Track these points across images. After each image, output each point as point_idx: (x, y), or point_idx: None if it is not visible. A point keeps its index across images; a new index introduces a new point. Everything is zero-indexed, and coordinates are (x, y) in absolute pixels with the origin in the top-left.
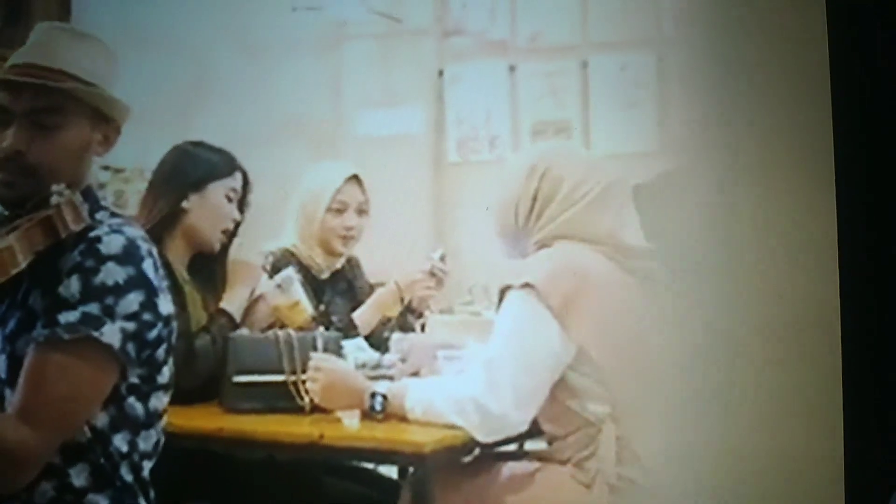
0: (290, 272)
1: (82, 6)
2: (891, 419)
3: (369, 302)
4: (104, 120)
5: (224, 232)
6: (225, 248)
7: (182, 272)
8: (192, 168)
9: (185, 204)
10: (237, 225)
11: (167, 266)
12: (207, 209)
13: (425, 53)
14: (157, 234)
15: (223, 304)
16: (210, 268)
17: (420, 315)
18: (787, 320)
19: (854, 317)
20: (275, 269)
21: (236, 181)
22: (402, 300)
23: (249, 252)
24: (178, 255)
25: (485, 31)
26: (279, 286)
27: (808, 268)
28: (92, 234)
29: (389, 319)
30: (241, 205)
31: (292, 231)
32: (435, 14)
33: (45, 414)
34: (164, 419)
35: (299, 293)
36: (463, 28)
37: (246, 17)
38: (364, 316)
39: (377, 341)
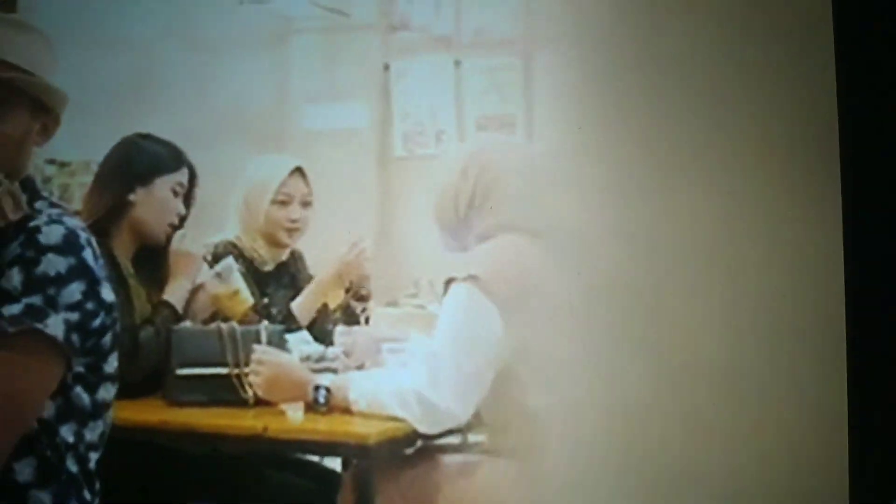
0: (229, 261)
1: (29, 2)
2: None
3: (306, 290)
4: (43, 110)
5: (170, 225)
6: (169, 240)
7: (127, 265)
8: (139, 161)
9: (131, 197)
10: (182, 219)
11: (112, 258)
12: (153, 203)
13: (371, 48)
14: (103, 226)
15: (166, 296)
16: (154, 260)
17: (363, 298)
18: (792, 322)
19: (859, 319)
20: (216, 260)
21: (183, 175)
22: (343, 285)
23: (192, 244)
24: (123, 248)
25: (430, 25)
26: (218, 275)
27: (812, 269)
28: (31, 225)
29: (334, 311)
30: (188, 199)
31: (235, 224)
32: (380, 9)
33: None
34: (111, 410)
35: (239, 282)
36: (408, 23)
37: (192, 11)
38: (303, 305)
39: (322, 334)
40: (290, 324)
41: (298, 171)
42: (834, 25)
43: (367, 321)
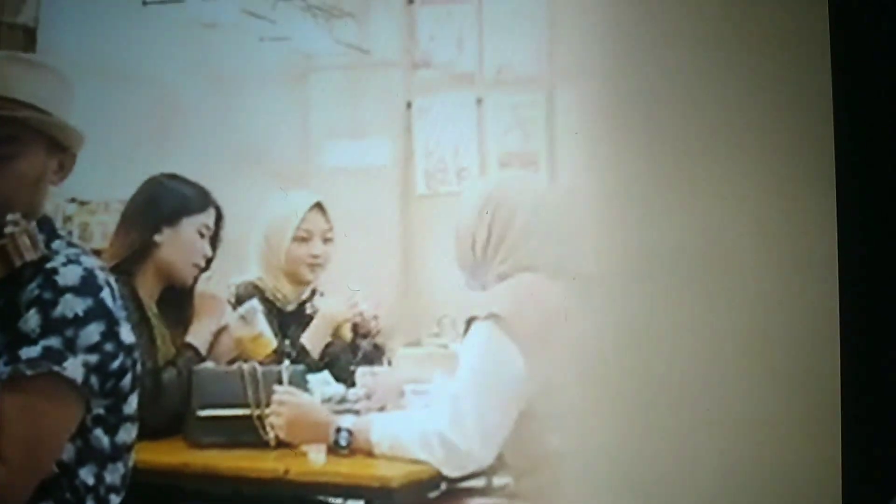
0: (253, 303)
1: (48, 38)
2: (889, 426)
3: (313, 324)
4: (60, 148)
5: (195, 266)
6: (195, 281)
7: (151, 306)
8: (165, 202)
9: (157, 238)
10: (209, 261)
11: (136, 299)
12: (180, 244)
13: (393, 85)
14: (128, 266)
15: (189, 338)
16: (179, 302)
17: (366, 335)
18: (786, 328)
19: (853, 323)
20: (238, 302)
21: (209, 217)
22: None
23: (217, 286)
24: (148, 289)
25: (452, 63)
26: (242, 318)
27: (807, 274)
28: (48, 266)
29: (354, 344)
30: (214, 241)
31: (256, 263)
32: (403, 46)
33: (16, 453)
34: (133, 452)
35: (262, 325)
36: (430, 60)
37: (212, 49)
38: (313, 338)
39: (343, 375)
40: (304, 357)
41: (318, 206)
42: (830, 33)
43: (389, 362)
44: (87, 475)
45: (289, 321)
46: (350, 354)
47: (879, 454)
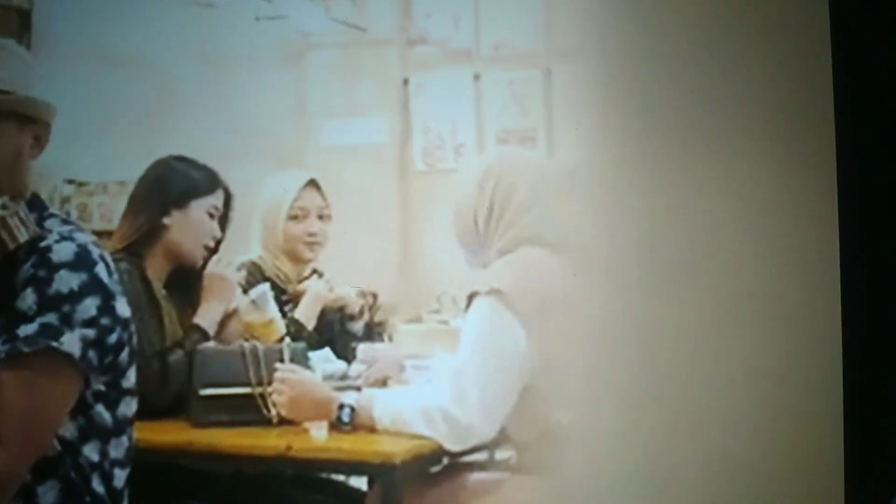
0: (265, 288)
1: (43, 21)
2: (892, 424)
3: (303, 301)
4: (31, 122)
5: (205, 248)
6: (204, 263)
7: (159, 287)
8: (174, 184)
9: (165, 220)
10: (218, 242)
11: (146, 281)
12: (189, 225)
13: (390, 63)
14: (138, 248)
15: (197, 319)
16: (187, 283)
17: (352, 318)
18: (786, 323)
19: (855, 319)
20: (248, 284)
21: (218, 198)
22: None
23: (227, 268)
24: (157, 271)
25: (449, 39)
26: (253, 302)
27: (808, 269)
28: (42, 245)
29: (343, 327)
30: (223, 222)
31: (256, 243)
32: (399, 23)
33: (13, 431)
34: (133, 427)
35: (273, 310)
36: (427, 37)
37: (208, 29)
38: (305, 311)
39: (344, 352)
40: (297, 332)
41: (312, 184)
42: (831, 23)
43: (389, 339)
44: (91, 452)
45: (288, 300)
46: (350, 333)
47: (882, 453)
